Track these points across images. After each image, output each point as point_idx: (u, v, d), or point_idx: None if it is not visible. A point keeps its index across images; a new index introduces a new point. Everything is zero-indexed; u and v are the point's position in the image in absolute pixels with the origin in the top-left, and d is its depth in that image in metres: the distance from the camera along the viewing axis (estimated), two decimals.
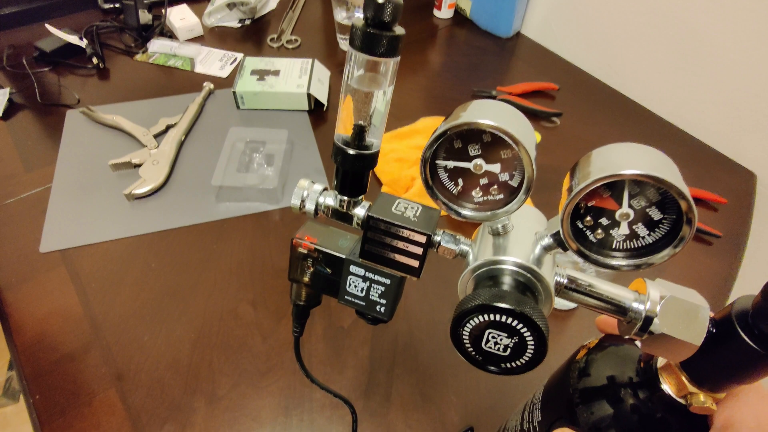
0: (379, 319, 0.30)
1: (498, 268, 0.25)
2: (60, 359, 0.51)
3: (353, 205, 0.28)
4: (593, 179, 0.21)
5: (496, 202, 0.25)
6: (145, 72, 0.88)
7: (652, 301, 0.25)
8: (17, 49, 0.88)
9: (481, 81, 0.89)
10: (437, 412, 0.49)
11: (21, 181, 0.69)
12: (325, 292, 0.31)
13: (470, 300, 0.23)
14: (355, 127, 0.25)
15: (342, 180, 0.27)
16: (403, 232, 0.27)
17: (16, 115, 0.78)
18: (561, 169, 0.85)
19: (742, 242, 0.68)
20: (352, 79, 0.23)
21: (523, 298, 0.22)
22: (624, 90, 0.89)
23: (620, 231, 0.23)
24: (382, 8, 0.21)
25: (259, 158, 0.69)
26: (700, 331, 0.24)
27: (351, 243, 0.30)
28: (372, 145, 0.26)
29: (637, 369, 0.29)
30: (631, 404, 0.28)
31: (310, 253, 0.30)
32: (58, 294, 0.56)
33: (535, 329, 0.22)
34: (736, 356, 0.23)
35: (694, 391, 0.25)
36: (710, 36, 0.74)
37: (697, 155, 0.79)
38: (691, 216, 0.21)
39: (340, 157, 0.26)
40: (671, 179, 0.20)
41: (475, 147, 0.24)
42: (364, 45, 0.22)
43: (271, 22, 1.01)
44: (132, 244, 0.61)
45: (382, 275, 0.29)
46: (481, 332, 0.23)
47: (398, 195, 0.67)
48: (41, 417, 0.48)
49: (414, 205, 0.28)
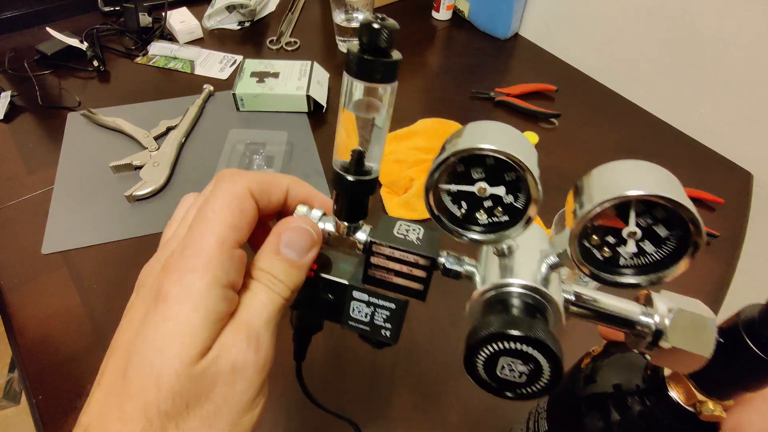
0: (384, 342, 0.29)
1: (506, 291, 0.25)
2: (62, 360, 0.52)
3: (354, 230, 0.27)
4: (600, 201, 0.20)
5: (502, 223, 0.25)
6: (146, 74, 0.88)
7: (660, 314, 0.25)
8: (18, 52, 0.89)
9: (480, 82, 0.89)
10: (437, 413, 0.49)
11: (23, 183, 0.69)
12: (327, 318, 0.30)
13: (482, 328, 0.22)
14: (353, 152, 0.24)
15: (341, 206, 0.27)
16: (406, 256, 0.26)
17: (18, 117, 0.79)
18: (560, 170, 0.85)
19: (739, 241, 0.68)
20: (349, 105, 0.23)
21: (535, 323, 0.22)
22: (621, 91, 0.89)
23: (628, 249, 0.22)
24: (378, 34, 0.20)
25: (258, 160, 0.70)
26: (710, 343, 0.24)
27: (352, 266, 0.29)
28: (371, 171, 0.25)
29: (643, 376, 0.29)
30: (640, 411, 0.28)
31: (311, 279, 0.28)
32: (60, 295, 0.57)
33: (549, 355, 0.21)
34: (744, 364, 0.23)
35: (702, 399, 0.25)
36: (707, 37, 0.74)
37: (693, 155, 0.80)
38: (698, 239, 0.21)
39: (338, 183, 0.25)
40: (679, 199, 0.20)
41: (479, 170, 0.23)
42: (360, 72, 0.21)
43: (270, 25, 1.01)
44: (133, 246, 0.62)
45: (386, 300, 0.28)
46: (495, 360, 0.22)
47: (397, 195, 0.68)
48: (44, 418, 0.48)
49: (416, 227, 0.28)
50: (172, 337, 0.21)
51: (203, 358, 0.21)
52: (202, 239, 0.22)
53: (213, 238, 0.22)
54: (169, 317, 0.21)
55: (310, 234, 0.26)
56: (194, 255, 0.22)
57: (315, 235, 0.26)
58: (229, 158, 0.68)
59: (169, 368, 0.20)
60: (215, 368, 0.21)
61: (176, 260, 0.22)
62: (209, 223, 0.23)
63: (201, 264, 0.22)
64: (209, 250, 0.22)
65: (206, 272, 0.22)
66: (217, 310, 0.22)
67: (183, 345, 0.20)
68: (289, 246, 0.25)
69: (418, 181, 0.69)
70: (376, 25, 0.20)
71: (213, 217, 0.23)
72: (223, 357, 0.21)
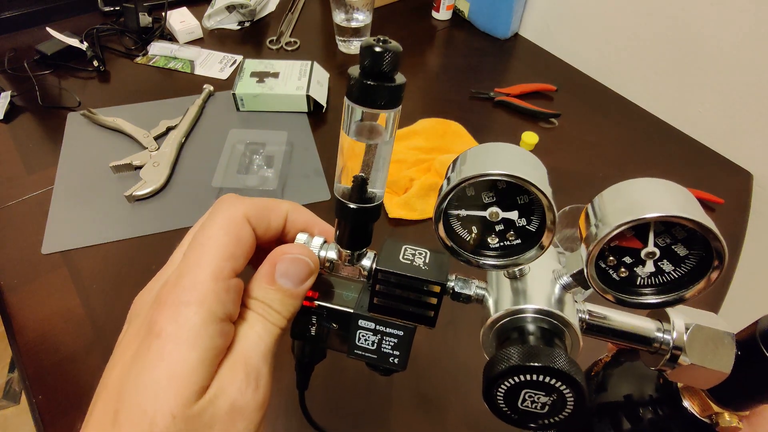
0: (392, 370, 0.28)
1: (521, 317, 0.24)
2: (62, 360, 0.52)
3: (358, 257, 0.26)
4: (618, 224, 0.20)
5: (514, 247, 0.24)
6: (146, 74, 0.88)
7: (677, 331, 0.24)
8: (18, 52, 0.89)
9: (479, 82, 0.89)
10: (437, 413, 0.49)
11: (23, 183, 0.69)
12: (331, 348, 0.29)
13: (500, 362, 0.21)
14: (355, 179, 0.23)
15: (344, 233, 0.25)
16: (415, 283, 0.25)
17: (18, 117, 0.79)
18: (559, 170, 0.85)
19: (739, 241, 0.68)
20: (350, 131, 0.21)
21: (555, 353, 0.21)
22: (621, 91, 0.89)
23: (645, 269, 0.22)
24: (381, 58, 0.19)
25: (258, 160, 0.70)
26: (729, 359, 0.23)
27: (356, 293, 0.28)
28: (375, 197, 0.24)
29: (656, 386, 0.29)
30: (652, 421, 0.28)
31: (312, 309, 0.27)
32: (60, 295, 0.57)
33: (573, 385, 0.21)
34: (762, 376, 0.23)
35: (719, 411, 0.25)
36: (707, 37, 0.74)
37: (693, 155, 0.80)
38: (721, 251, 0.20)
39: (340, 211, 0.24)
40: (702, 220, 0.19)
41: (489, 194, 0.23)
42: (362, 97, 0.20)
43: (270, 24, 1.01)
44: (133, 246, 0.62)
45: (394, 327, 0.27)
46: (517, 393, 0.22)
47: (397, 195, 0.68)
48: (44, 417, 0.48)
49: (422, 251, 0.26)
50: (167, 379, 0.19)
51: (200, 399, 0.20)
52: (197, 269, 0.21)
53: (208, 268, 0.21)
54: (163, 356, 0.20)
55: (307, 264, 0.25)
56: (189, 287, 0.21)
57: (312, 265, 0.25)
58: (229, 158, 0.68)
59: (163, 412, 0.19)
60: (213, 409, 0.20)
61: (170, 293, 0.21)
62: (204, 252, 0.22)
63: (196, 297, 0.21)
64: (204, 281, 0.21)
65: (201, 306, 0.21)
66: (214, 346, 0.21)
67: (179, 387, 0.19)
68: (285, 275, 0.24)
69: (418, 181, 0.69)
70: (378, 48, 0.19)
71: (208, 244, 0.22)
72: (221, 397, 0.20)
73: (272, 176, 0.67)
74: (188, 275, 0.21)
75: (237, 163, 0.68)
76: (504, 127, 0.82)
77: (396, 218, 0.66)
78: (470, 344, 0.53)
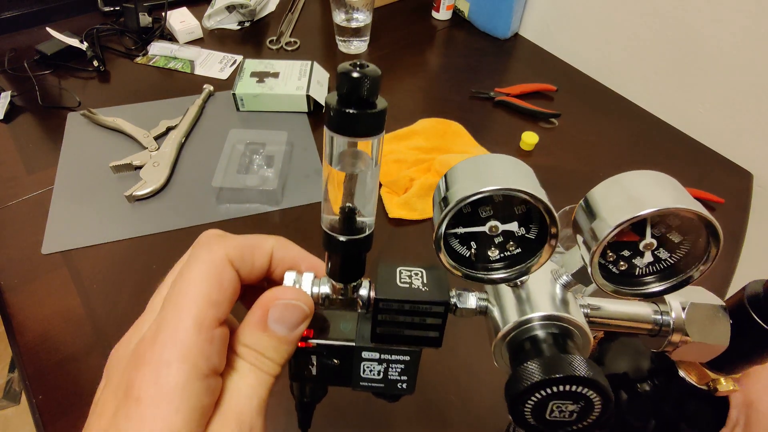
0: (400, 395, 0.28)
1: (530, 327, 0.24)
2: (62, 360, 0.52)
3: (353, 289, 0.25)
4: (618, 223, 0.20)
5: (515, 256, 0.24)
6: (146, 74, 0.88)
7: (675, 311, 0.25)
8: (18, 52, 0.89)
9: (479, 82, 0.90)
10: (437, 413, 0.49)
11: (23, 183, 0.69)
12: (334, 384, 0.28)
13: (523, 379, 0.21)
14: (343, 210, 0.22)
15: (335, 267, 0.24)
16: (418, 306, 0.24)
17: (18, 117, 0.79)
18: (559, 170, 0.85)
19: (739, 241, 0.68)
20: (333, 161, 0.20)
21: (575, 360, 0.21)
22: (621, 91, 0.90)
23: (644, 260, 0.22)
24: (359, 84, 0.17)
25: (259, 160, 0.70)
26: (726, 331, 0.24)
27: (353, 322, 0.27)
28: (365, 227, 0.22)
29: (651, 358, 0.29)
30: (651, 392, 0.29)
31: (312, 349, 0.26)
32: (60, 295, 0.57)
33: (597, 388, 0.20)
34: (752, 340, 0.24)
35: (715, 377, 0.26)
36: (707, 37, 0.74)
37: (693, 155, 0.80)
38: (716, 232, 0.21)
39: (329, 244, 0.23)
40: (695, 207, 0.20)
41: (486, 209, 0.22)
42: (342, 127, 0.19)
43: (270, 24, 1.01)
44: (133, 246, 0.62)
45: (399, 353, 0.26)
46: (544, 405, 0.21)
47: (397, 195, 0.68)
48: (44, 417, 0.48)
49: (417, 270, 0.26)
50: None
51: None
52: (176, 321, 0.20)
53: (189, 319, 0.19)
54: (144, 424, 0.18)
55: (302, 309, 0.23)
56: (169, 343, 0.19)
57: (307, 309, 0.23)
58: (229, 158, 0.68)
59: None
60: None
61: (148, 350, 0.19)
62: (184, 301, 0.20)
63: (177, 354, 0.19)
64: (185, 335, 0.19)
65: (184, 363, 0.19)
66: (200, 405, 0.19)
67: None
68: (278, 321, 0.22)
69: (418, 181, 0.69)
70: (355, 74, 0.17)
71: (188, 292, 0.20)
72: None
73: (272, 176, 0.67)
74: (167, 328, 0.19)
75: (237, 163, 0.68)
76: (504, 127, 0.82)
77: (396, 218, 0.66)
78: (470, 343, 0.53)
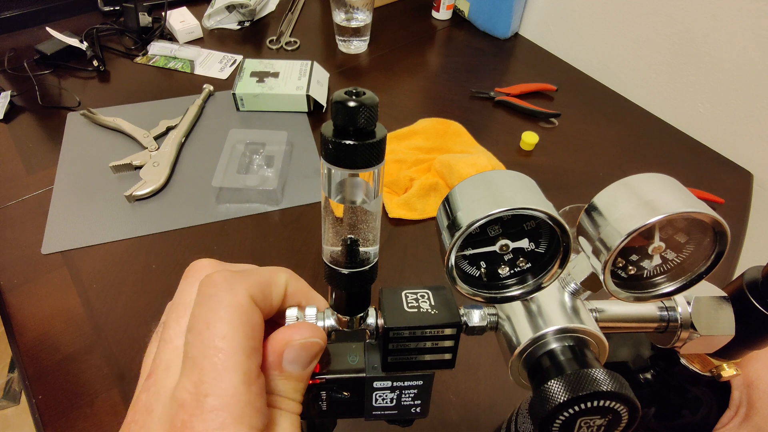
0: (413, 419, 0.27)
1: (545, 342, 0.23)
2: (62, 360, 0.52)
3: (360, 320, 0.24)
4: (629, 232, 0.20)
5: (525, 272, 0.24)
6: (146, 74, 0.88)
7: (681, 306, 0.25)
8: (18, 52, 0.89)
9: (480, 82, 0.90)
10: (437, 412, 0.49)
11: (22, 183, 0.69)
12: (345, 416, 0.27)
13: (548, 400, 0.20)
14: (345, 241, 0.21)
15: (340, 301, 0.23)
16: (429, 331, 0.23)
17: (18, 117, 0.79)
18: (559, 170, 0.85)
19: (739, 241, 0.68)
20: (332, 193, 0.19)
21: (597, 374, 0.20)
22: (621, 90, 0.89)
23: (653, 262, 0.22)
24: (356, 114, 0.16)
25: (258, 160, 0.70)
26: (731, 321, 0.25)
27: (359, 353, 0.26)
28: (369, 258, 0.22)
29: (652, 346, 0.30)
30: (653, 380, 0.29)
31: (321, 384, 0.25)
32: (60, 295, 0.57)
33: (624, 400, 0.20)
34: (752, 325, 0.25)
35: (718, 363, 0.27)
36: (707, 37, 0.74)
37: (693, 155, 0.80)
38: (724, 232, 0.20)
39: (331, 278, 0.22)
40: (703, 209, 0.19)
41: (495, 228, 0.22)
42: (340, 159, 0.17)
43: (270, 24, 1.01)
44: (133, 246, 0.62)
45: (412, 379, 0.25)
46: (572, 423, 0.21)
47: (397, 195, 0.68)
48: (44, 417, 0.48)
49: (423, 292, 0.25)
50: None
51: None
52: (223, 380, 0.18)
53: (237, 377, 0.18)
54: None
55: (318, 344, 0.22)
56: (219, 406, 0.18)
57: (321, 342, 0.22)
58: (229, 158, 0.68)
59: None
60: None
61: (196, 415, 0.18)
62: (224, 357, 0.18)
63: (232, 416, 0.18)
64: (236, 394, 0.18)
65: (240, 425, 0.18)
66: None
67: None
68: (294, 362, 0.22)
69: (418, 181, 0.69)
70: (351, 103, 0.16)
71: (226, 347, 0.18)
72: None
73: (272, 176, 0.67)
74: (214, 390, 0.18)
75: (237, 163, 0.68)
76: (504, 127, 0.82)
77: (396, 218, 0.66)
78: (470, 343, 0.53)
